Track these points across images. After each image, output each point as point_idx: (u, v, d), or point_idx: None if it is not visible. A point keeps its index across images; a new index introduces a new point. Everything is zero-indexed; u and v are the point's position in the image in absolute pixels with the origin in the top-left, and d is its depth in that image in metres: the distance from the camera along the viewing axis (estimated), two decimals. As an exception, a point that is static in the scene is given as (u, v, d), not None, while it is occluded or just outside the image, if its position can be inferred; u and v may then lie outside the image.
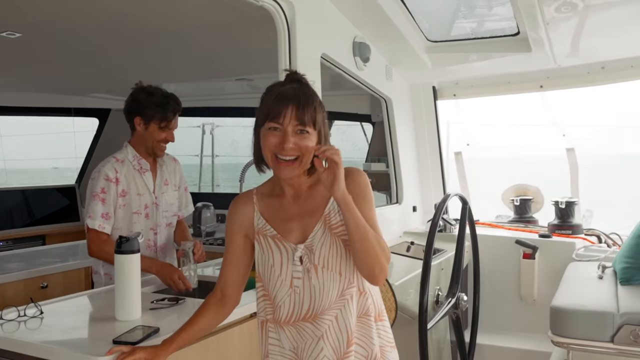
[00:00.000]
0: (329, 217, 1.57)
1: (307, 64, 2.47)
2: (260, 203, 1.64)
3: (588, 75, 3.44)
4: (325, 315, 1.55)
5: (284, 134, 1.49)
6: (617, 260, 2.85)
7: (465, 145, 4.14)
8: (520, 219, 4.06)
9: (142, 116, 2.54)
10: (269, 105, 1.52)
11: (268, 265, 1.58)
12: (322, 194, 1.59)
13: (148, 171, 2.58)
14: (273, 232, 1.59)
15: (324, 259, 1.54)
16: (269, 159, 1.53)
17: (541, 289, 3.52)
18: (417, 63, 3.50)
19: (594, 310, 2.25)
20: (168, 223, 2.67)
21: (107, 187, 2.45)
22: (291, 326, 1.57)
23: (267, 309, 1.62)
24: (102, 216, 2.43)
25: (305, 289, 1.55)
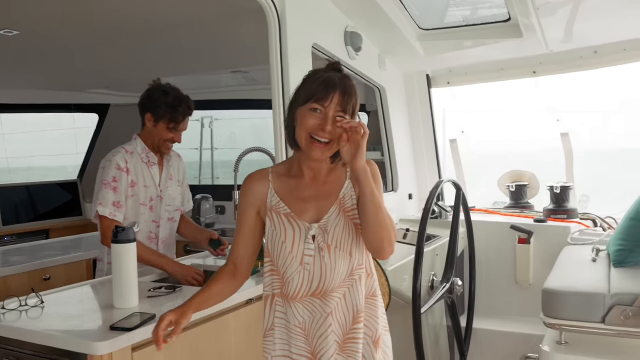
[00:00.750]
0: (343, 200, 1.66)
1: (299, 55, 2.51)
2: (276, 182, 1.71)
3: (581, 59, 3.46)
4: (334, 293, 1.63)
5: (325, 117, 1.58)
6: (611, 243, 2.88)
7: (460, 132, 4.17)
8: (517, 205, 4.09)
9: (153, 114, 2.59)
10: (315, 88, 1.60)
11: (279, 241, 1.65)
12: (338, 179, 1.70)
13: (155, 165, 2.64)
14: (287, 210, 1.67)
15: (337, 240, 1.62)
16: (303, 138, 1.61)
17: (536, 273, 3.55)
18: (410, 51, 3.53)
19: (585, 292, 2.29)
20: (170, 217, 2.72)
21: (118, 176, 2.49)
22: (298, 302, 1.64)
23: (275, 283, 1.69)
24: (113, 204, 2.48)
25: (316, 266, 1.63)
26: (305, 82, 1.65)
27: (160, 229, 2.66)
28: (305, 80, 1.66)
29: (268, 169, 1.75)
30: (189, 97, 2.65)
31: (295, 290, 1.64)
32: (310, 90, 1.60)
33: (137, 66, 4.07)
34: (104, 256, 2.62)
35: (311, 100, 1.58)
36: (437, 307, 3.10)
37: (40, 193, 4.96)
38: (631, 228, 2.74)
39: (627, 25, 3.22)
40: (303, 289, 1.63)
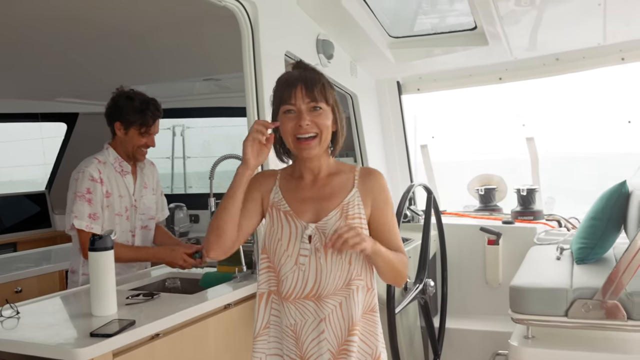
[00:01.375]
0: (347, 207, 1.64)
1: (271, 62, 2.54)
2: (282, 181, 1.72)
3: (544, 66, 3.59)
4: (329, 299, 1.61)
5: (299, 113, 1.60)
6: (574, 241, 3.00)
7: (430, 138, 4.26)
8: (486, 208, 4.20)
9: (121, 121, 2.57)
10: (279, 91, 1.63)
11: (275, 238, 1.65)
12: (343, 184, 1.68)
13: (129, 174, 2.62)
14: (287, 207, 1.67)
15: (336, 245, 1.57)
16: (290, 142, 1.62)
17: (505, 273, 3.65)
18: (381, 59, 3.60)
19: (549, 288, 2.38)
20: (144, 226, 2.71)
21: (92, 188, 2.46)
22: (291, 303, 1.62)
23: (272, 280, 1.68)
24: (89, 216, 2.45)
25: (310, 267, 1.61)
26: (273, 91, 1.68)
27: (135, 238, 2.65)
28: (273, 89, 1.69)
29: (278, 171, 1.77)
30: (155, 99, 2.65)
31: (288, 289, 1.62)
32: (277, 96, 1.64)
33: (106, 74, 4.04)
34: (78, 267, 2.59)
35: (281, 104, 1.61)
36: (411, 308, 3.17)
37: (7, 205, 4.86)
38: (591, 227, 2.85)
39: (586, 34, 3.36)
40: (297, 290, 1.62)
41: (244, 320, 2.31)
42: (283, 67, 2.66)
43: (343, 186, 1.67)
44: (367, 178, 1.69)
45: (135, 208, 2.65)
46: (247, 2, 2.40)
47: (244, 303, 2.32)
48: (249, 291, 2.35)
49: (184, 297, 2.21)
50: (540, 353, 2.32)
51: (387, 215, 1.70)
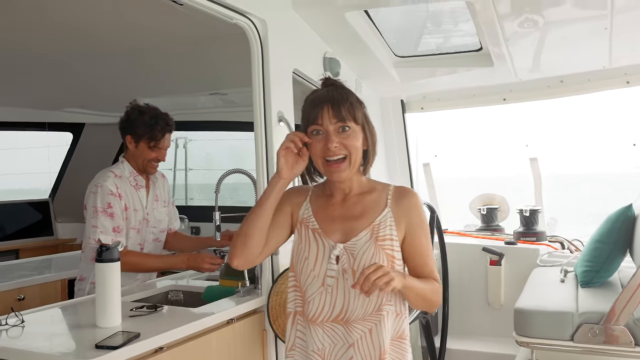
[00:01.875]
0: (378, 227, 1.58)
1: (280, 79, 2.57)
2: (313, 197, 1.68)
3: (548, 88, 3.61)
4: (358, 325, 1.55)
5: (327, 134, 1.54)
6: (578, 264, 3.00)
7: (433, 156, 4.28)
8: (488, 227, 4.21)
9: (132, 135, 2.61)
10: (306, 112, 1.59)
11: (302, 257, 1.60)
12: (375, 203, 1.61)
13: (143, 187, 2.65)
14: (315, 225, 1.62)
15: (364, 267, 1.48)
16: (319, 165, 1.58)
17: (508, 294, 3.65)
18: (386, 77, 3.63)
19: (554, 311, 2.38)
20: (155, 238, 2.73)
21: (113, 202, 2.49)
22: (318, 326, 1.57)
23: (297, 300, 1.63)
24: (113, 230, 2.49)
25: (338, 289, 1.55)
26: (302, 111, 1.63)
27: (143, 251, 2.67)
28: (302, 107, 1.64)
29: (310, 187, 1.72)
30: (168, 114, 2.68)
31: (315, 312, 1.56)
32: (305, 117, 1.59)
33: (114, 85, 4.08)
34: (88, 275, 2.60)
35: (309, 126, 1.57)
36: (412, 328, 3.16)
37: (10, 212, 4.88)
38: (596, 250, 2.85)
39: (591, 57, 3.39)
40: (324, 312, 1.56)
41: (246, 336, 2.31)
42: (291, 85, 2.69)
43: (375, 205, 1.61)
44: (402, 198, 1.62)
45: (147, 222, 2.67)
46: (257, 20, 2.43)
47: (247, 318, 2.32)
48: (252, 306, 2.35)
49: (187, 310, 2.22)
50: (543, 376, 2.31)
51: (421, 238, 1.62)
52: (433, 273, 1.63)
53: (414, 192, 1.65)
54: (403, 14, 3.28)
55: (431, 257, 1.65)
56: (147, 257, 2.57)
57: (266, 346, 2.41)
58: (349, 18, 2.82)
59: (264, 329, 2.41)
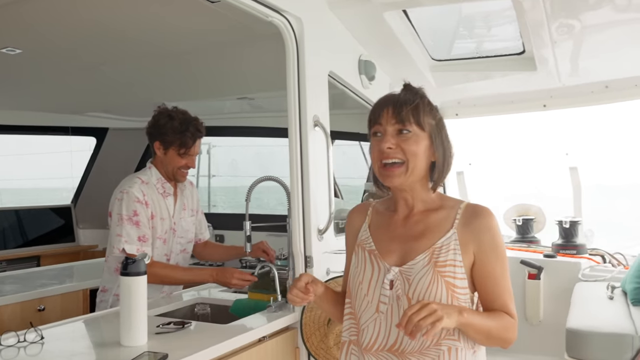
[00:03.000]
0: (438, 251, 1.41)
1: (315, 82, 2.44)
2: (374, 216, 1.57)
3: (592, 94, 3.43)
4: (414, 358, 1.40)
5: (384, 135, 1.43)
6: (627, 280, 2.81)
7: (467, 164, 4.12)
8: (523, 239, 4.03)
9: (161, 141, 2.49)
10: (371, 113, 1.48)
11: (357, 280, 1.49)
12: (438, 220, 1.45)
13: (171, 195, 2.53)
14: (372, 246, 1.50)
15: (419, 295, 1.38)
16: (376, 169, 1.46)
17: (547, 309, 3.47)
18: (421, 81, 3.40)
19: (611, 332, 2.21)
20: (182, 249, 2.61)
21: (139, 209, 2.38)
22: (372, 355, 1.44)
23: (352, 329, 1.51)
24: (139, 239, 2.37)
25: (393, 317, 1.41)
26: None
27: (170, 262, 2.55)
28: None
29: (371, 202, 1.60)
30: (198, 118, 2.56)
31: (370, 340, 1.44)
32: (369, 118, 1.48)
33: (138, 90, 4.00)
34: (112, 287, 2.49)
35: (371, 126, 1.46)
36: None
37: (31, 217, 4.81)
38: (649, 266, 2.67)
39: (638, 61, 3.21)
40: (379, 341, 1.43)
41: (279, 355, 2.18)
42: (327, 88, 2.56)
43: (439, 225, 1.44)
44: (473, 218, 1.42)
45: (174, 232, 2.55)
46: (292, 18, 2.30)
47: (279, 336, 2.19)
48: (284, 323, 2.22)
49: (217, 327, 2.09)
50: (599, 404, 2.14)
51: (495, 264, 1.41)
52: (507, 306, 1.43)
53: (488, 211, 1.44)
54: (441, 15, 3.13)
55: (506, 288, 1.44)
56: (173, 269, 2.45)
57: None
58: (387, 18, 2.67)
59: (297, 346, 2.27)
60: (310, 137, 2.35)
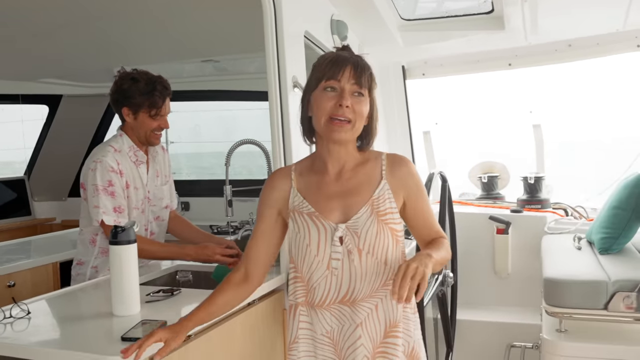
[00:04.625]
0: (377, 202, 1.52)
1: (292, 42, 2.39)
2: (299, 179, 1.59)
3: (555, 52, 3.51)
4: (364, 303, 1.51)
5: (342, 92, 1.48)
6: (593, 231, 2.94)
7: (434, 124, 4.16)
8: (488, 196, 4.13)
9: (129, 106, 2.38)
10: (325, 66, 1.50)
11: (303, 244, 1.52)
12: (369, 176, 1.56)
13: (143, 163, 2.44)
14: (311, 209, 1.53)
15: (370, 245, 1.49)
16: (322, 122, 1.50)
17: (514, 263, 3.60)
18: (389, 42, 3.47)
19: (587, 280, 2.31)
20: (156, 217, 2.54)
21: (114, 180, 2.29)
22: (325, 309, 1.52)
23: (299, 291, 1.57)
24: (114, 210, 2.28)
25: (344, 271, 1.50)
26: (314, 67, 1.57)
27: (148, 231, 2.48)
28: (314, 65, 1.57)
29: (291, 166, 1.64)
30: (162, 76, 2.46)
31: (321, 297, 1.53)
32: (320, 71, 1.52)
33: (93, 54, 3.81)
34: (89, 259, 2.41)
35: (323, 80, 1.50)
36: (426, 301, 3.07)
37: (-18, 192, 4.60)
38: (615, 216, 2.79)
39: (600, 20, 3.29)
40: (330, 296, 1.52)
41: (268, 317, 2.18)
42: (303, 48, 2.51)
43: (370, 178, 1.57)
44: (397, 167, 1.59)
45: (149, 200, 2.47)
46: (269, -24, 2.22)
47: (267, 299, 2.18)
48: (271, 286, 2.21)
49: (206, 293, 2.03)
50: (577, 347, 2.26)
51: (423, 202, 1.62)
52: (440, 232, 1.64)
53: (407, 160, 1.63)
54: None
55: (434, 216, 1.65)
56: (152, 244, 2.37)
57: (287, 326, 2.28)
58: (361, -24, 2.63)
59: (284, 308, 2.28)
60: (290, 98, 2.31)
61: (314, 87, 1.53)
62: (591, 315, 2.28)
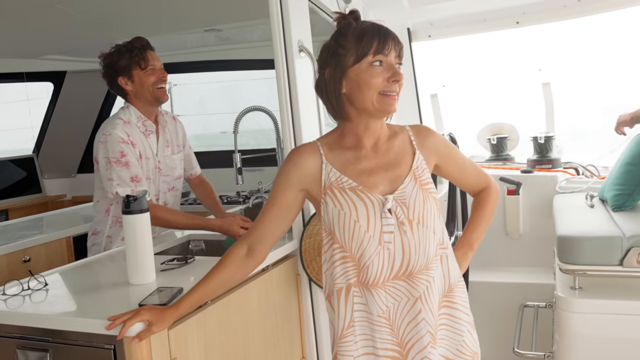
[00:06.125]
0: (418, 172, 1.50)
1: (298, 6, 2.35)
2: (329, 155, 1.52)
3: (564, 8, 3.43)
4: (422, 275, 1.46)
5: (390, 66, 1.44)
6: (606, 189, 2.92)
7: (441, 86, 4.12)
8: (498, 157, 4.11)
9: (121, 74, 2.39)
10: (367, 40, 1.43)
11: (351, 221, 1.45)
12: (404, 148, 1.54)
13: (153, 133, 2.45)
14: (353, 184, 1.48)
15: (419, 215, 1.45)
16: (373, 98, 1.44)
17: (526, 223, 3.59)
18: (394, 3, 3.40)
19: (601, 236, 2.30)
20: (171, 187, 2.55)
21: (126, 151, 2.29)
22: (380, 288, 1.45)
23: (349, 272, 1.48)
24: (132, 180, 2.28)
25: (396, 244, 1.44)
26: (342, 42, 1.46)
27: (159, 201, 2.49)
28: (340, 40, 1.47)
29: (315, 142, 1.55)
30: (135, 36, 2.47)
31: (375, 275, 1.45)
32: (360, 45, 1.43)
33: (97, 28, 3.77)
34: (102, 229, 2.43)
35: (369, 55, 1.42)
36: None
37: (-8, 171, 4.62)
38: (628, 173, 2.76)
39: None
40: (385, 272, 1.45)
41: (282, 282, 2.20)
42: (308, 13, 2.47)
43: (405, 149, 1.54)
44: (424, 137, 1.58)
45: (159, 170, 2.47)
46: (272, -63, 2.17)
47: (281, 264, 2.20)
48: (285, 252, 2.23)
49: (219, 260, 2.07)
50: (592, 303, 2.25)
51: (457, 157, 1.64)
52: (486, 178, 1.71)
53: (430, 129, 1.63)
54: None
55: (475, 165, 1.69)
56: (177, 215, 2.39)
57: (301, 291, 2.30)
58: None
59: (298, 273, 2.29)
60: (297, 64, 2.28)
61: (353, 63, 1.45)
62: (606, 272, 2.27)
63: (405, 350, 1.46)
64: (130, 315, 1.41)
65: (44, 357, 1.52)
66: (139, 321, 1.41)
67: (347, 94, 1.48)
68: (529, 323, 2.94)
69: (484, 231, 1.70)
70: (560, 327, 2.34)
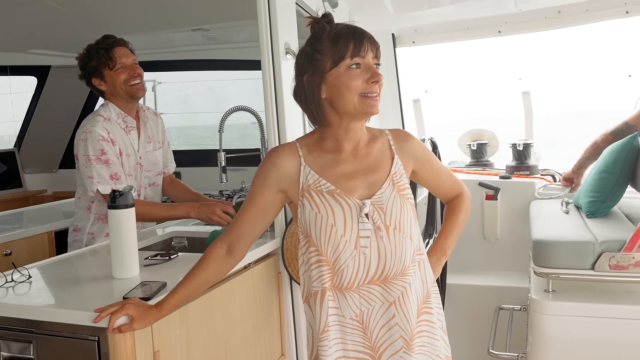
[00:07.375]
0: (395, 177, 1.50)
1: (285, 8, 2.39)
2: (308, 157, 1.51)
3: (545, 19, 3.52)
4: (397, 281, 1.46)
5: (368, 68, 1.43)
6: (581, 196, 3.00)
7: (423, 92, 4.18)
8: (477, 163, 4.18)
9: (94, 75, 2.41)
10: (344, 43, 1.42)
11: (327, 225, 1.45)
12: (383, 153, 1.54)
13: (134, 129, 2.46)
14: (331, 187, 1.47)
15: (396, 221, 1.46)
16: (354, 100, 1.43)
17: (503, 228, 3.67)
18: (379, 9, 3.46)
19: (575, 241, 2.37)
20: (151, 183, 2.56)
21: (106, 148, 2.30)
22: (354, 292, 1.46)
23: (325, 275, 1.47)
24: (111, 178, 2.30)
25: (372, 249, 1.45)
26: (317, 47, 1.45)
27: (140, 197, 2.51)
28: (315, 45, 1.46)
29: (294, 143, 1.55)
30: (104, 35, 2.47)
31: (350, 279, 1.45)
32: (341, 48, 1.42)
33: (82, 23, 3.76)
34: (84, 225, 2.44)
35: (346, 58, 1.42)
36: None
37: (-28, 165, 4.58)
38: (602, 180, 2.84)
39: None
40: (359, 276, 1.45)
41: (264, 280, 2.23)
42: (295, 15, 2.51)
43: (384, 154, 1.54)
44: (403, 142, 1.58)
45: (141, 166, 2.49)
46: (261, -60, 2.21)
47: (262, 262, 2.23)
48: (267, 250, 2.26)
49: (203, 257, 2.10)
50: (564, 306, 2.32)
51: (434, 164, 1.66)
52: (459, 187, 1.74)
53: (409, 134, 1.63)
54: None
55: (450, 172, 1.72)
56: (153, 206, 2.41)
57: (282, 289, 2.34)
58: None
59: (279, 272, 2.33)
60: (283, 66, 2.32)
61: (331, 67, 1.43)
62: (578, 275, 2.34)
63: (378, 354, 1.48)
64: (116, 308, 1.44)
65: (27, 348, 1.53)
66: (124, 315, 1.43)
67: (327, 98, 1.47)
68: (504, 325, 3.01)
69: (457, 237, 1.75)
70: (534, 329, 2.40)
